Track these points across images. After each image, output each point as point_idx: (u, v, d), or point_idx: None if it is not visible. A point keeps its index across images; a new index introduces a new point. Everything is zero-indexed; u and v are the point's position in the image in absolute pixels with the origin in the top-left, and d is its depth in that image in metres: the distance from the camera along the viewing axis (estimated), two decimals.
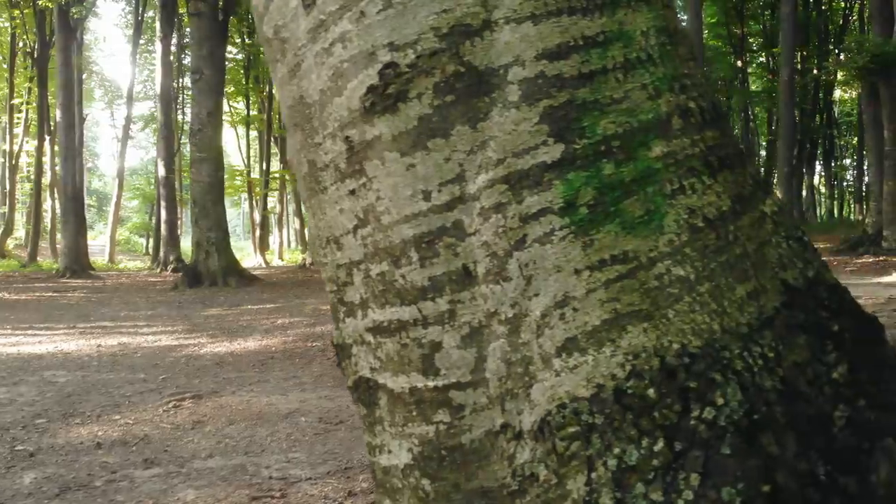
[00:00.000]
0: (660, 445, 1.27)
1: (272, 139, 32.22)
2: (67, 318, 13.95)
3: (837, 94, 36.44)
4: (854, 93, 27.11)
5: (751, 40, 33.49)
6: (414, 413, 1.53)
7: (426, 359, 1.50)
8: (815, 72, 27.04)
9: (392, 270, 1.51)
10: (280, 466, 4.92)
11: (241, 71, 33.53)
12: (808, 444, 1.33)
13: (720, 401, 1.29)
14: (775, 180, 24.52)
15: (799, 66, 27.91)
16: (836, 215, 41.21)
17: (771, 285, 1.47)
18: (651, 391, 1.31)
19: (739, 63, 31.81)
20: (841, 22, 32.39)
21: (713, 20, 33.20)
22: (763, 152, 34.76)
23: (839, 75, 23.14)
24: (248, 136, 36.16)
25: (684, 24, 31.73)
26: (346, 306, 1.63)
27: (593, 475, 1.29)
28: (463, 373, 1.48)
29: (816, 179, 42.50)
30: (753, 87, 35.62)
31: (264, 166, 33.09)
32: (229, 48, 32.70)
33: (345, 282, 1.62)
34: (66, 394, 7.83)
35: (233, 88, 33.83)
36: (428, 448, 1.52)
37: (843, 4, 32.32)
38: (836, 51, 29.36)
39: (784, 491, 1.25)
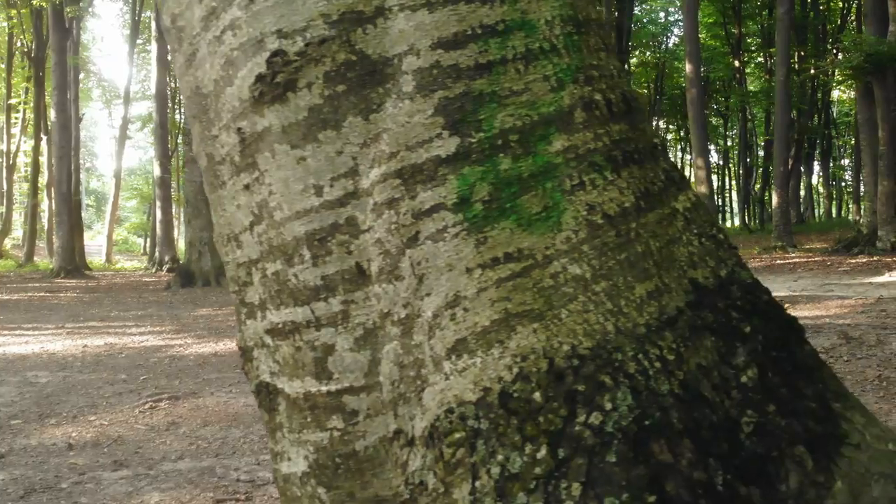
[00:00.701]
0: (543, 452, 1.20)
1: None
2: (56, 318, 13.91)
3: (836, 94, 36.36)
4: (852, 93, 27.02)
5: (749, 40, 33.41)
6: (308, 419, 1.47)
7: (319, 362, 1.43)
8: (811, 72, 26.92)
9: (285, 269, 1.45)
10: (249, 469, 4.86)
11: None
12: (708, 451, 1.26)
13: (608, 405, 1.23)
14: (771, 180, 24.44)
15: (796, 66, 27.82)
16: (833, 215, 41.11)
17: (676, 284, 1.40)
18: (537, 395, 1.24)
19: (737, 63, 31.71)
20: (839, 21, 32.28)
21: (711, 20, 33.11)
22: (761, 152, 34.62)
23: (837, 75, 23.06)
24: None
25: (679, 24, 31.63)
26: (247, 307, 1.57)
27: (477, 483, 1.22)
28: (356, 377, 1.41)
29: (815, 179, 42.40)
30: (751, 87, 35.53)
31: None
32: None
33: (245, 281, 1.56)
34: (46, 394, 7.78)
35: None
36: (323, 455, 1.46)
37: (840, 4, 32.21)
38: (835, 51, 29.29)
39: (673, 501, 1.18)
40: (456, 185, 1.35)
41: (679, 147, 44.77)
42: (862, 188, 22.05)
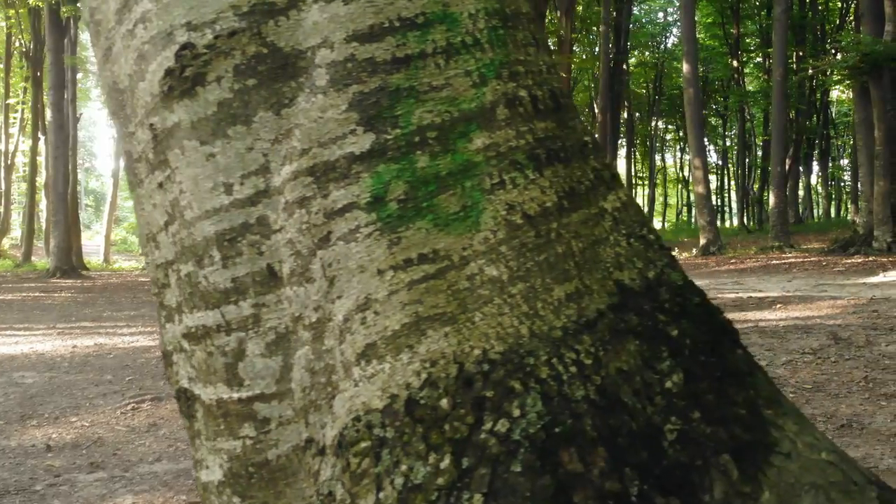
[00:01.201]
0: (446, 462, 1.15)
1: None
2: (48, 318, 13.88)
3: (835, 94, 36.26)
4: (851, 93, 26.96)
5: (748, 41, 33.32)
6: (222, 427, 1.41)
7: (229, 368, 1.38)
8: (809, 72, 26.83)
9: (196, 271, 1.40)
10: None
11: None
12: (624, 460, 1.21)
13: (516, 412, 1.18)
14: (769, 180, 24.39)
15: (794, 67, 27.74)
16: (832, 216, 41.01)
17: (599, 286, 1.35)
18: (444, 402, 1.19)
19: (735, 63, 31.62)
20: (838, 21, 32.19)
21: (709, 20, 33.04)
22: (760, 152, 34.53)
23: (834, 75, 23.00)
24: None
25: (678, 24, 31.57)
26: (166, 310, 1.52)
27: (381, 495, 1.17)
28: (267, 383, 1.36)
29: (814, 180, 42.27)
30: (750, 88, 35.43)
31: None
32: None
33: (163, 283, 1.51)
34: (30, 395, 7.75)
35: None
36: (236, 464, 1.41)
37: (839, 4, 32.11)
38: (833, 51, 29.19)
39: None
40: (370, 184, 1.30)
41: (678, 147, 44.71)
42: (860, 188, 21.98)
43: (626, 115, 37.20)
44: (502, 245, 1.30)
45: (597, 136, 29.21)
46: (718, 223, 43.16)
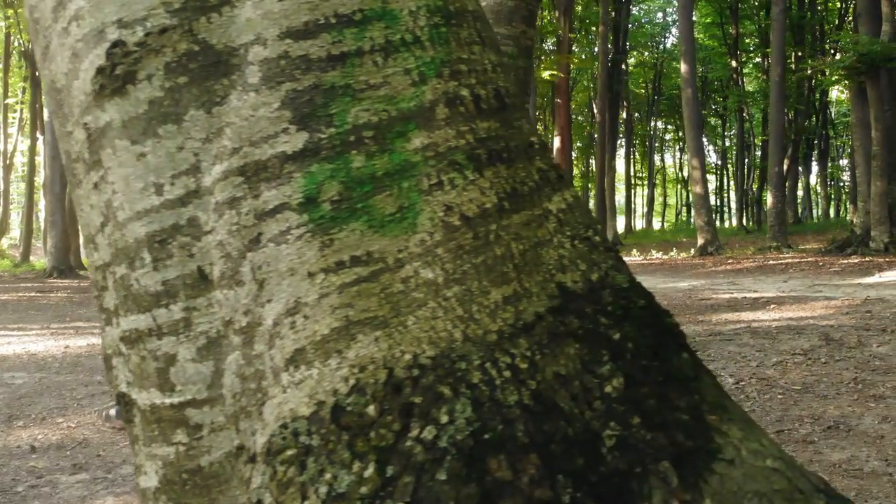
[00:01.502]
0: (370, 471, 1.11)
1: None
2: (43, 318, 13.86)
3: (834, 94, 36.20)
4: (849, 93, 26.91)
5: (747, 41, 33.26)
6: (156, 432, 1.38)
7: (161, 373, 1.35)
8: (808, 72, 26.78)
9: (129, 274, 1.37)
10: None
11: None
12: (557, 467, 1.18)
13: (444, 419, 1.14)
14: (768, 180, 24.33)
15: (793, 67, 27.69)
16: (831, 216, 40.94)
17: (539, 289, 1.32)
18: (371, 408, 1.16)
19: (734, 63, 31.57)
20: (837, 21, 32.11)
21: (708, 20, 32.98)
22: (759, 152, 34.47)
23: (831, 75, 22.94)
24: None
25: (677, 23, 31.49)
26: (106, 313, 1.49)
27: None
28: (199, 389, 1.33)
29: (813, 180, 42.19)
30: (749, 88, 35.36)
31: None
32: None
33: (102, 286, 1.48)
34: (19, 396, 7.73)
35: None
36: (170, 471, 1.38)
37: (838, 4, 32.04)
38: (833, 51, 29.13)
39: None
40: (302, 184, 1.27)
41: (677, 147, 44.67)
42: (858, 188, 21.92)
43: (625, 115, 37.14)
44: (439, 247, 1.27)
45: (595, 136, 29.15)
46: (718, 223, 43.10)
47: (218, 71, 1.31)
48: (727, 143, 42.46)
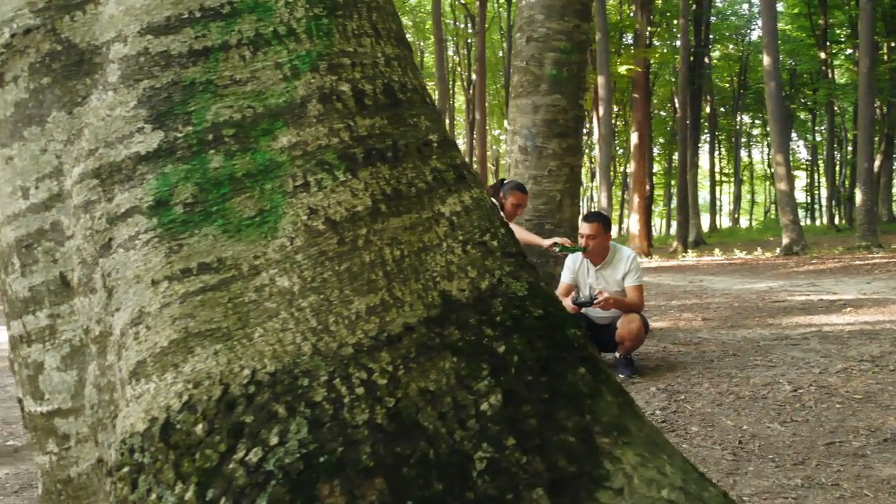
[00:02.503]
0: (190, 493, 1.04)
1: None
2: None
3: None
4: None
5: (837, 31, 31.87)
6: (35, 441, 1.35)
7: (31, 381, 1.31)
8: None
9: (4, 279, 1.34)
10: None
11: None
12: (409, 493, 1.08)
13: (274, 440, 1.06)
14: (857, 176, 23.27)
15: (885, 57, 26.38)
16: None
17: (415, 298, 1.22)
18: (199, 427, 1.08)
19: (823, 55, 30.28)
20: None
21: (795, 10, 31.72)
22: (851, 148, 32.98)
23: None
24: None
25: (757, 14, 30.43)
26: (4, 318, 1.47)
27: None
28: (64, 398, 1.28)
29: None
30: (840, 80, 33.88)
31: None
32: None
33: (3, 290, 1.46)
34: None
35: None
36: (47, 479, 1.34)
37: None
38: None
39: None
40: (154, 186, 1.21)
41: (765, 143, 43.23)
42: None
43: (708, 109, 36.14)
44: (299, 253, 1.19)
45: (677, 131, 28.45)
46: (808, 221, 41.41)
47: (80, 70, 1.27)
48: (818, 138, 40.81)
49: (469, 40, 33.07)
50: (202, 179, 1.21)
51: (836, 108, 32.04)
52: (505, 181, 6.20)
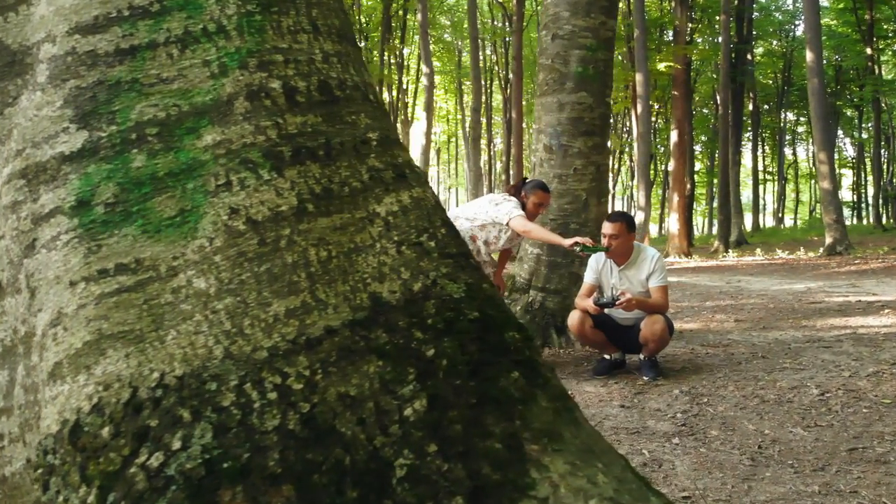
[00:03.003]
0: (92, 497, 1.03)
1: None
2: None
3: None
4: None
5: (885, 26, 31.08)
6: None
7: None
8: None
9: None
10: None
11: None
12: (320, 500, 1.05)
13: (177, 444, 1.04)
14: None
15: None
16: None
17: (340, 300, 1.19)
18: (106, 430, 1.07)
19: (869, 50, 29.55)
20: None
21: (840, 5, 31.01)
22: None
23: None
24: None
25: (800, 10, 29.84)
26: None
27: None
28: None
29: None
30: (889, 76, 33.06)
31: None
32: None
33: None
34: None
35: None
36: None
37: None
38: None
39: None
40: (77, 186, 1.20)
41: (810, 140, 42.39)
42: None
43: (751, 107, 35.51)
44: (217, 254, 1.17)
45: (719, 129, 28.01)
46: (854, 221, 40.41)
47: (12, 71, 1.27)
48: (864, 136, 39.87)
49: (507, 39, 32.94)
50: (124, 179, 1.19)
51: (882, 105, 31.27)
52: (527, 180, 6.13)
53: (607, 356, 5.50)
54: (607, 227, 5.19)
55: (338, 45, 1.38)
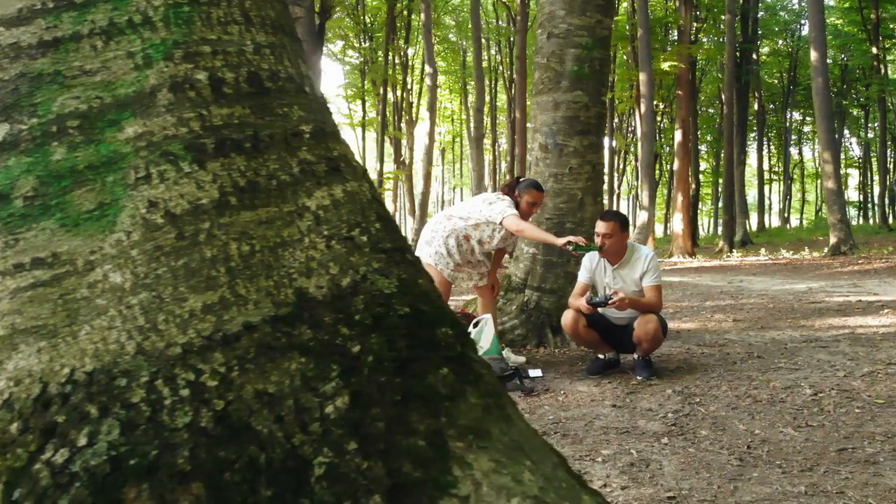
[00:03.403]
0: None
1: (386, 140, 32.45)
2: None
3: None
4: None
5: (891, 26, 30.94)
6: None
7: None
8: None
9: None
10: None
11: (358, 74, 34.01)
12: (232, 499, 1.03)
13: (82, 441, 1.02)
14: None
15: None
16: None
17: (262, 296, 1.16)
18: (15, 426, 1.05)
19: (875, 50, 29.42)
20: None
21: (845, 5, 30.89)
22: None
23: None
24: (364, 137, 36.59)
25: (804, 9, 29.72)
26: None
27: None
28: None
29: None
30: (894, 76, 32.87)
31: (378, 167, 33.47)
32: (349, 52, 33.25)
33: None
34: None
35: (351, 91, 34.40)
36: None
37: None
38: None
39: None
40: None
41: (815, 140, 42.24)
42: None
43: (756, 106, 35.40)
44: (134, 248, 1.15)
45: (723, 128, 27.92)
46: (860, 221, 40.25)
47: None
48: (870, 135, 39.70)
49: (511, 38, 32.90)
50: (44, 172, 1.18)
51: (888, 105, 31.11)
52: (521, 179, 6.09)
53: (601, 356, 5.47)
54: (601, 227, 5.16)
55: (272, 36, 1.36)
